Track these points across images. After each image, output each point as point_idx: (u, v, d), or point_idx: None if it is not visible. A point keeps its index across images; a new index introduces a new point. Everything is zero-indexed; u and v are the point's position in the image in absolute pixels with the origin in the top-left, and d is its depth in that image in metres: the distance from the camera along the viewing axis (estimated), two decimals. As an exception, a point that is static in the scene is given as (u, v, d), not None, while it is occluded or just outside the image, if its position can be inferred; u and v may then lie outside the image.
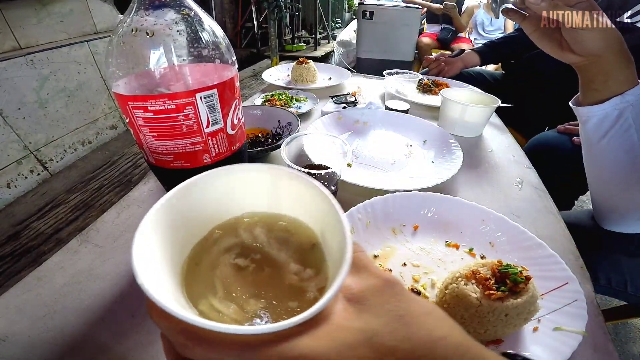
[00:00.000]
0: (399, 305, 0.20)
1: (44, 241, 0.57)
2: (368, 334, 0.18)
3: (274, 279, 0.25)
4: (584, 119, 0.59)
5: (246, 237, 0.28)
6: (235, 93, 0.40)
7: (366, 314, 0.19)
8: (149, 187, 0.65)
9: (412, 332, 0.19)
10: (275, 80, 1.26)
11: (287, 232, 0.29)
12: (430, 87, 1.20)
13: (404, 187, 0.61)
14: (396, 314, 0.19)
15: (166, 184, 0.45)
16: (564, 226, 0.59)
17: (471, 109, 0.85)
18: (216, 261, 0.26)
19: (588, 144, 0.62)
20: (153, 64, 0.32)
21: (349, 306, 0.20)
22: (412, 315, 0.20)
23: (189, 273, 0.26)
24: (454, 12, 3.11)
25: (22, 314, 0.42)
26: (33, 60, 1.40)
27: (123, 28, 0.32)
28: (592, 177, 0.65)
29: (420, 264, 0.50)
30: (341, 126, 0.88)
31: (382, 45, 3.00)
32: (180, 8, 0.33)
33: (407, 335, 0.19)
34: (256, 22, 3.48)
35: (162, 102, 0.33)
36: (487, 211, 0.55)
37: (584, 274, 0.50)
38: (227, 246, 0.28)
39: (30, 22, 1.42)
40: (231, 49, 0.38)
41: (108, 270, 0.48)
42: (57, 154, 1.59)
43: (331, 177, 0.51)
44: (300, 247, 0.28)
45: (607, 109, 0.55)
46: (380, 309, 0.19)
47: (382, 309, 0.20)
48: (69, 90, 1.58)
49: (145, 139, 0.36)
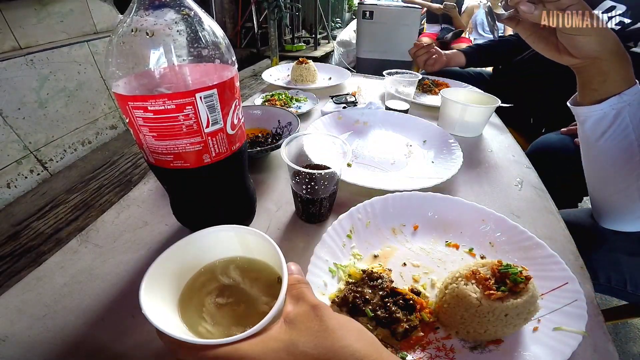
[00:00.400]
0: (319, 324, 0.27)
1: (43, 241, 0.57)
2: (288, 343, 0.26)
3: (249, 309, 0.35)
4: (582, 118, 0.59)
5: (224, 278, 0.38)
6: (235, 93, 0.40)
7: (293, 330, 0.27)
8: (149, 187, 0.65)
9: (321, 342, 0.26)
10: (275, 80, 1.26)
11: (257, 271, 0.39)
12: (430, 87, 1.20)
13: (403, 187, 0.61)
14: (315, 331, 0.27)
15: (166, 183, 0.45)
16: (564, 226, 0.59)
17: (471, 109, 0.85)
18: (202, 301, 0.36)
19: (586, 144, 0.62)
20: (153, 64, 0.32)
21: (284, 325, 0.28)
22: (328, 331, 0.26)
23: (183, 308, 0.35)
24: (453, 12, 3.10)
25: (22, 314, 0.42)
26: (33, 60, 1.40)
27: (123, 28, 0.32)
28: (590, 176, 0.65)
29: (420, 264, 0.50)
30: (341, 126, 0.88)
31: (382, 45, 2.99)
32: (180, 8, 0.33)
33: (317, 344, 0.26)
34: (256, 22, 3.48)
35: (162, 102, 0.33)
36: (487, 211, 0.55)
37: (584, 273, 0.50)
38: (209, 289, 0.37)
39: (30, 22, 1.42)
40: (231, 49, 0.38)
41: (108, 270, 0.48)
42: (57, 154, 1.59)
43: (331, 177, 0.51)
44: (268, 282, 0.37)
45: (604, 109, 0.55)
46: (304, 327, 0.27)
47: (304, 327, 0.27)
48: (69, 90, 1.58)
49: (145, 139, 0.36)
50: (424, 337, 0.40)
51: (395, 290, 0.43)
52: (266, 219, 0.58)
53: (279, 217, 0.59)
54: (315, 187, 0.51)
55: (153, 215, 0.58)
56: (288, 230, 0.56)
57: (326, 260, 0.46)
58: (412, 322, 0.40)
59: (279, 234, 0.55)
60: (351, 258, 0.49)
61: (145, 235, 0.54)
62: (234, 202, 0.50)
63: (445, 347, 0.39)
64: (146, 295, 0.30)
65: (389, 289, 0.43)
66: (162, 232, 0.54)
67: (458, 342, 0.40)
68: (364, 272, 0.45)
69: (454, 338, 0.40)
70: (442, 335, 0.40)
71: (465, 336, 0.39)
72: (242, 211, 0.53)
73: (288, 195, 0.62)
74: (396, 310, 0.40)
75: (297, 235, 0.55)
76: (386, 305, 0.41)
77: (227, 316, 0.34)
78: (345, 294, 0.42)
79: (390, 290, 0.43)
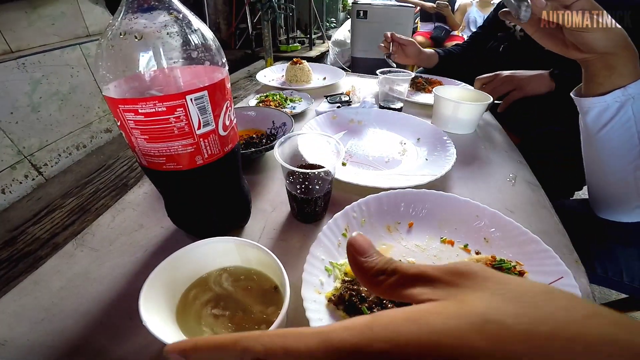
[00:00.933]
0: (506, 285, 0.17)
1: (40, 246, 0.57)
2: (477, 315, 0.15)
3: (246, 318, 0.36)
4: (584, 109, 0.59)
5: (218, 289, 0.39)
6: (226, 94, 0.40)
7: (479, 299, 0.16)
8: (144, 190, 0.65)
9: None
10: (270, 81, 1.26)
11: (251, 280, 0.40)
12: (423, 85, 1.21)
13: (398, 184, 0.61)
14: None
15: (159, 186, 0.45)
16: (558, 220, 0.59)
17: (464, 106, 0.85)
18: (199, 313, 0.37)
19: (587, 135, 0.62)
20: (142, 67, 0.32)
21: (441, 302, 0.17)
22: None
23: (181, 320, 0.36)
24: (446, 10, 3.12)
25: (20, 318, 0.42)
26: (24, 64, 1.39)
27: (112, 31, 0.32)
28: (589, 167, 0.66)
29: (415, 260, 0.50)
30: (335, 125, 0.88)
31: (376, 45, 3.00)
32: (169, 10, 0.33)
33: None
34: (250, 23, 3.48)
35: (153, 104, 0.33)
36: (481, 207, 0.55)
37: (579, 267, 0.50)
38: (203, 300, 0.38)
39: (21, 25, 1.42)
40: (221, 51, 0.38)
41: (105, 273, 0.48)
42: (52, 159, 1.58)
43: (325, 177, 0.51)
44: (264, 290, 0.39)
45: (608, 101, 0.55)
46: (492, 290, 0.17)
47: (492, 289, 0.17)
48: (62, 94, 1.58)
49: (137, 142, 0.36)
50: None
51: (391, 288, 0.43)
52: (262, 219, 0.58)
53: (274, 217, 0.59)
54: (310, 186, 0.51)
55: (149, 218, 0.58)
56: (284, 231, 0.56)
57: (322, 259, 0.46)
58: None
59: (275, 234, 0.55)
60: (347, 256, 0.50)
61: (141, 238, 0.54)
62: (229, 203, 0.50)
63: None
64: (146, 311, 0.31)
65: (385, 287, 0.43)
66: (157, 234, 0.54)
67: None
68: (359, 270, 0.45)
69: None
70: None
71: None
72: (237, 212, 0.53)
73: (283, 195, 0.62)
74: (392, 308, 0.40)
75: (292, 235, 0.55)
76: (382, 302, 0.41)
77: (226, 327, 0.36)
78: (341, 292, 0.42)
79: (386, 288, 0.43)
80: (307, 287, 0.41)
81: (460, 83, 1.20)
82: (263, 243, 0.49)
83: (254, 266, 0.42)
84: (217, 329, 0.35)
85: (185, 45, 0.34)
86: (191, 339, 0.20)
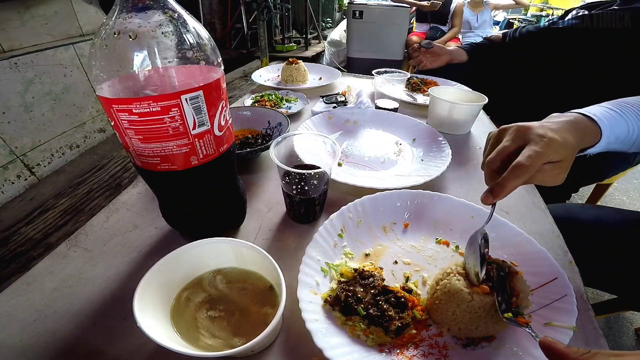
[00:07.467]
0: None
1: (33, 246, 0.56)
2: None
3: (243, 318, 0.37)
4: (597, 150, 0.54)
5: (213, 290, 0.40)
6: (221, 94, 0.39)
7: None
8: (138, 190, 0.65)
9: None
10: (265, 81, 1.26)
11: (244, 280, 0.41)
12: (419, 86, 1.21)
13: (394, 185, 0.61)
14: None
15: (154, 186, 0.45)
16: (552, 221, 0.60)
17: (459, 107, 0.85)
18: (195, 315, 0.37)
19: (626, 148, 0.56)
20: (137, 67, 0.32)
21: None
22: None
23: (176, 323, 0.36)
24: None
25: (12, 319, 0.42)
26: (17, 64, 1.38)
27: (106, 31, 0.32)
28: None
29: (411, 261, 0.50)
30: (331, 126, 0.88)
31: (372, 45, 3.01)
32: (164, 10, 0.33)
33: None
34: (245, 22, 3.47)
35: (147, 104, 0.32)
36: (476, 208, 0.56)
37: (573, 268, 0.50)
38: (197, 302, 0.38)
39: (13, 25, 1.40)
40: (217, 51, 0.38)
41: (98, 274, 0.47)
42: (45, 159, 1.57)
43: (321, 177, 0.51)
44: (259, 290, 0.40)
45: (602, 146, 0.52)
46: None
47: None
48: (55, 94, 1.56)
49: (131, 142, 0.36)
50: (417, 334, 0.40)
51: (387, 288, 0.43)
52: (257, 220, 0.58)
53: (270, 217, 0.59)
54: (306, 187, 0.51)
55: (143, 218, 0.58)
56: (279, 231, 0.56)
57: (318, 260, 0.46)
58: (404, 319, 0.40)
59: (270, 234, 0.55)
60: (343, 257, 0.50)
61: (135, 239, 0.53)
62: (224, 204, 0.49)
63: (439, 345, 0.39)
64: (140, 313, 0.32)
65: (381, 287, 0.43)
66: (151, 235, 0.54)
67: (451, 339, 0.40)
68: (355, 270, 0.45)
69: (446, 335, 0.40)
70: (435, 332, 0.41)
71: (457, 333, 0.40)
72: (233, 213, 0.52)
73: (279, 195, 0.62)
74: (388, 308, 0.40)
75: (288, 235, 0.55)
76: (378, 303, 0.41)
77: (223, 328, 0.36)
78: (337, 292, 0.42)
79: (382, 289, 0.43)
80: (303, 287, 0.41)
81: (456, 84, 1.20)
82: (258, 244, 0.49)
83: (249, 267, 0.42)
84: (215, 332, 0.36)
85: (180, 44, 0.33)
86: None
